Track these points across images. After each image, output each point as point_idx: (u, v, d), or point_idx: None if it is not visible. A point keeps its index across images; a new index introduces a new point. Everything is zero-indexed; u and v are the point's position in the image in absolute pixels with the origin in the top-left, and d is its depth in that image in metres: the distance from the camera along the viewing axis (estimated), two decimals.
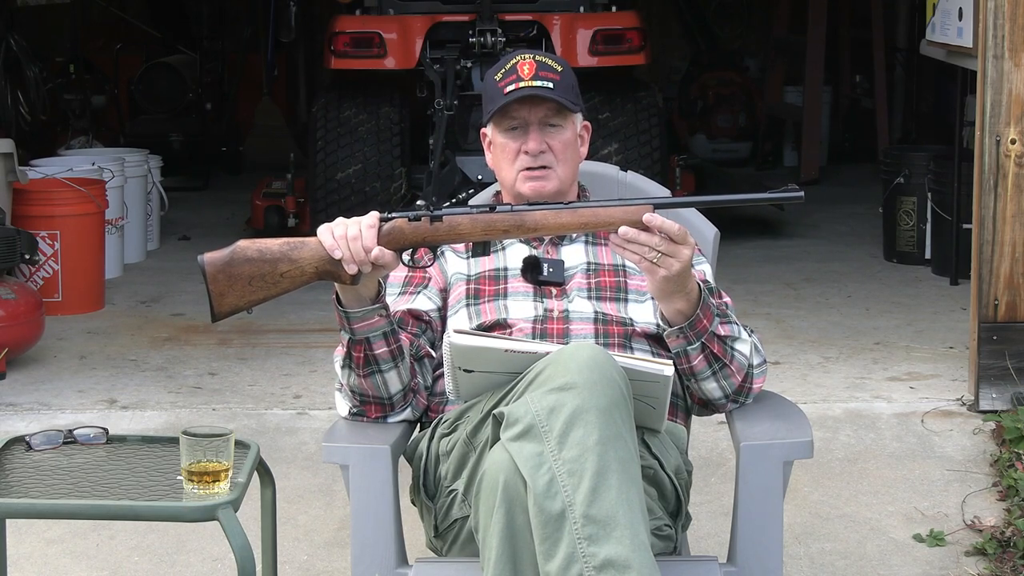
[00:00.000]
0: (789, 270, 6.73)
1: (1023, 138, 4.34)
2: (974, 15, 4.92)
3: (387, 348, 2.68)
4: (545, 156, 2.82)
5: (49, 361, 5.19)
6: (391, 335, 2.69)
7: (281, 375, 5.00)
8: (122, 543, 3.89)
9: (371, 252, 2.58)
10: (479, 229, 2.65)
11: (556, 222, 2.64)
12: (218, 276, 2.61)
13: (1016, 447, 4.19)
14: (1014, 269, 4.40)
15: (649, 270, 2.59)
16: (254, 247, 2.63)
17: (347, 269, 2.59)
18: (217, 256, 2.62)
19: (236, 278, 2.61)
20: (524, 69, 2.82)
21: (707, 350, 2.70)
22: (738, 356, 2.75)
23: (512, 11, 6.60)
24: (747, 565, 2.67)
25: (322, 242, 2.60)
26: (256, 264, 2.62)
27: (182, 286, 6.46)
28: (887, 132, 9.47)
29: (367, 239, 2.59)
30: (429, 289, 2.88)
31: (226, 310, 2.63)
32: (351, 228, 2.60)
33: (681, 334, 2.69)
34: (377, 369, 2.70)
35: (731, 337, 2.74)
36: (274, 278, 2.62)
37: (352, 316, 2.66)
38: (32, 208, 5.96)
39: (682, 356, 2.72)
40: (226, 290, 2.62)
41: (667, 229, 2.57)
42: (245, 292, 2.62)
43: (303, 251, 2.62)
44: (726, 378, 2.75)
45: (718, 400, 2.79)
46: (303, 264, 2.61)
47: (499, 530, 2.40)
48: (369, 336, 2.67)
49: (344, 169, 6.48)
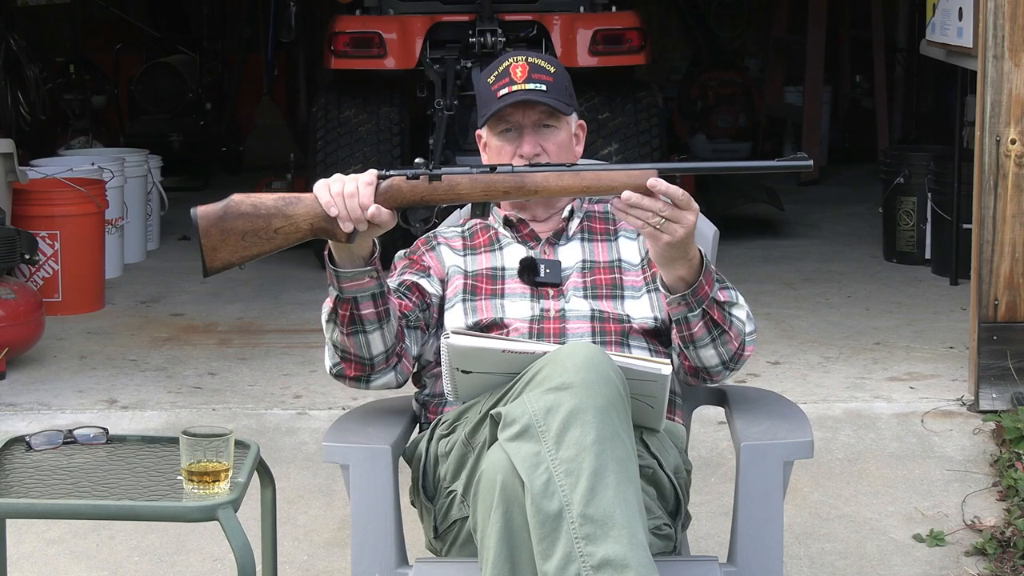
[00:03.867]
0: (789, 270, 6.74)
1: (1023, 138, 4.34)
2: (974, 15, 4.92)
3: (374, 310, 2.64)
4: (540, 159, 2.81)
5: (49, 361, 5.19)
6: (379, 297, 2.64)
7: (281, 375, 5.00)
8: (122, 543, 3.89)
9: (368, 210, 2.53)
10: (479, 190, 2.60)
11: (558, 184, 2.59)
12: (211, 230, 2.56)
13: (1016, 447, 4.19)
14: (1014, 269, 4.40)
15: (652, 236, 2.54)
16: (248, 201, 2.57)
17: (343, 227, 2.54)
18: (210, 209, 2.57)
19: (229, 233, 2.57)
20: (517, 72, 2.81)
21: (707, 316, 2.66)
22: (736, 322, 2.71)
23: (512, 11, 6.60)
24: (747, 565, 2.67)
25: (318, 198, 2.56)
26: (250, 219, 2.57)
27: (182, 286, 6.46)
28: (887, 132, 9.48)
29: (364, 196, 2.54)
30: (431, 277, 2.88)
31: (218, 265, 2.58)
32: (348, 185, 2.55)
33: (683, 301, 2.64)
34: (361, 329, 2.65)
35: (730, 303, 2.70)
36: (268, 234, 2.57)
37: (343, 275, 2.61)
38: (32, 208, 5.97)
39: (682, 323, 2.68)
40: (218, 245, 2.57)
41: (671, 194, 2.53)
42: (238, 247, 2.57)
43: (298, 207, 2.57)
44: (724, 345, 2.70)
45: (714, 368, 2.74)
46: (298, 220, 2.57)
47: (497, 530, 2.39)
48: (357, 296, 2.62)
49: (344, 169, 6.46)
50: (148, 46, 10.09)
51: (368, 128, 6.56)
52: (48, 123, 8.47)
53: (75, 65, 9.11)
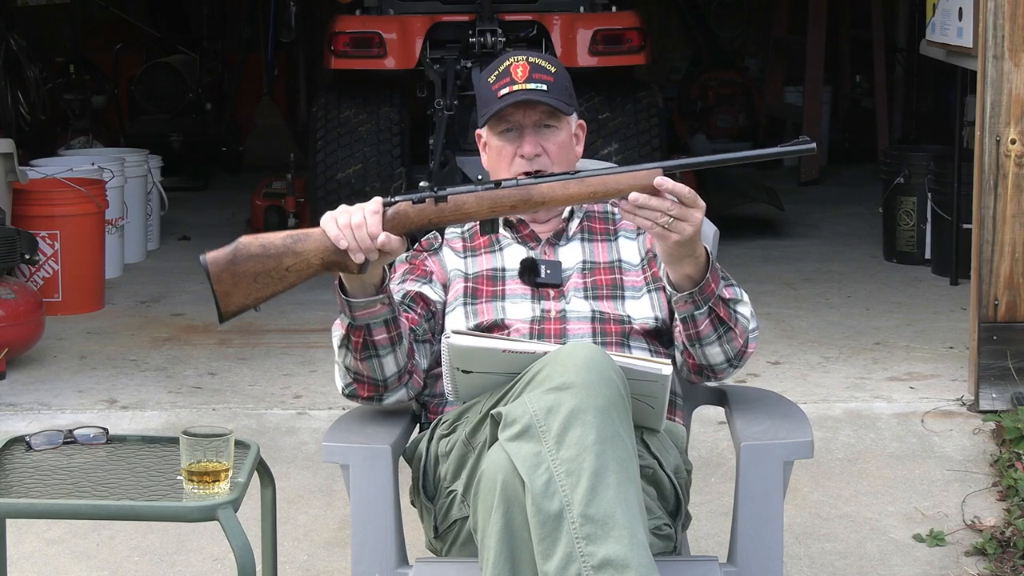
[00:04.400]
0: (789, 270, 6.74)
1: (1023, 138, 4.34)
2: (974, 15, 4.92)
3: (387, 335, 2.65)
4: (540, 159, 2.81)
5: (49, 361, 5.19)
6: (392, 322, 2.65)
7: (281, 375, 5.00)
8: (122, 543, 3.89)
9: (377, 239, 2.53)
10: (485, 207, 2.59)
11: (564, 193, 2.58)
12: (222, 275, 2.55)
13: (1016, 447, 4.19)
14: (1014, 269, 4.40)
15: (661, 235, 2.54)
16: (257, 243, 2.56)
17: (354, 258, 2.54)
18: (219, 255, 2.56)
19: (241, 276, 2.55)
20: (517, 72, 2.80)
21: (713, 314, 2.66)
22: (741, 319, 2.71)
23: (512, 11, 6.60)
24: (747, 565, 2.67)
25: (326, 232, 2.55)
26: (260, 260, 2.56)
27: (182, 286, 6.46)
28: (887, 132, 9.48)
29: (372, 226, 2.53)
30: (433, 283, 2.88)
31: (233, 310, 2.57)
32: (355, 216, 2.54)
33: (690, 299, 2.64)
34: (375, 353, 2.66)
35: (735, 300, 2.71)
36: (280, 273, 2.56)
37: (355, 305, 2.62)
38: (32, 208, 5.97)
39: (688, 321, 2.67)
40: (231, 289, 2.56)
41: (678, 192, 2.51)
42: (251, 290, 2.56)
43: (307, 243, 2.56)
44: (729, 342, 2.70)
45: (719, 365, 2.74)
46: (308, 256, 2.56)
47: (497, 530, 2.39)
48: (370, 323, 2.63)
49: (344, 169, 6.48)
50: (148, 46, 10.09)
51: (368, 128, 6.56)
52: (48, 123, 8.47)
53: (75, 65, 9.11)
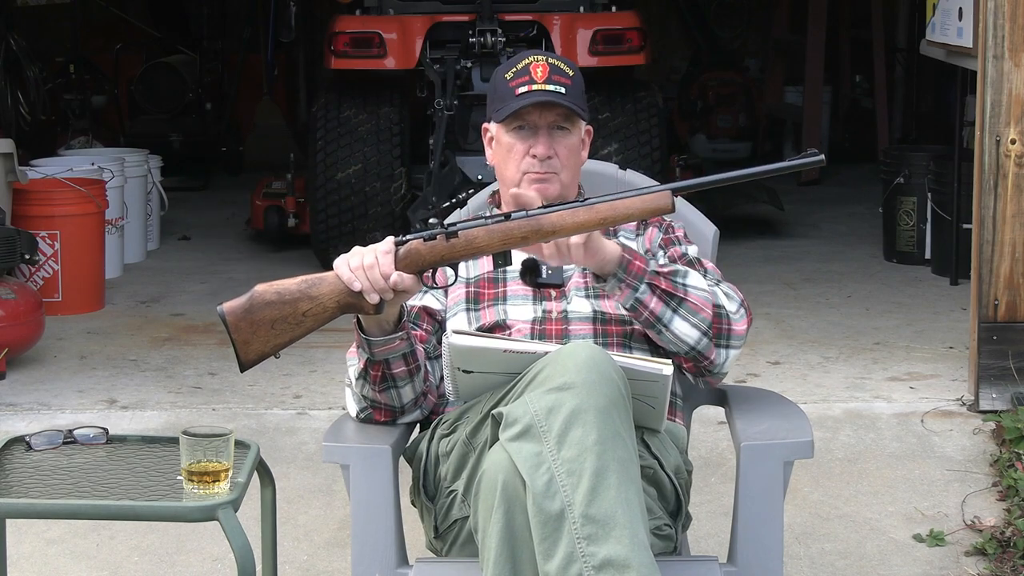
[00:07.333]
0: (789, 270, 6.74)
1: (1023, 138, 4.34)
2: (974, 15, 4.92)
3: (405, 368, 2.68)
4: (551, 162, 2.81)
5: (49, 361, 5.19)
6: (410, 356, 2.68)
7: (281, 375, 5.00)
8: (122, 543, 3.89)
9: (390, 278, 2.56)
10: (497, 240, 2.59)
11: (574, 221, 2.58)
12: (240, 324, 2.59)
13: (1016, 447, 4.19)
14: (1014, 269, 4.40)
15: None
16: (272, 290, 2.60)
17: (368, 299, 2.57)
18: (236, 304, 2.59)
19: (259, 324, 2.59)
20: (537, 72, 2.80)
21: (656, 290, 2.65)
22: (692, 289, 2.68)
23: (512, 11, 6.60)
24: (747, 565, 2.67)
25: (339, 275, 2.58)
26: (276, 307, 2.59)
27: (182, 286, 6.46)
28: (887, 132, 9.47)
29: (384, 266, 2.56)
30: (434, 290, 2.88)
31: (253, 358, 2.61)
32: (367, 257, 2.57)
33: (621, 282, 2.64)
34: (393, 385, 2.70)
35: (674, 271, 2.69)
36: (296, 318, 2.59)
37: (374, 343, 2.65)
38: (32, 208, 5.96)
39: (639, 308, 2.66)
40: (250, 337, 2.59)
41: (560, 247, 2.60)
42: (269, 337, 2.60)
43: (322, 287, 2.59)
44: (693, 313, 2.67)
45: (700, 343, 2.69)
46: (324, 300, 2.59)
47: (498, 530, 2.40)
48: (388, 358, 2.67)
49: (344, 169, 6.48)
50: (148, 46, 10.09)
51: (368, 128, 6.56)
52: (48, 123, 8.47)
53: (75, 65, 9.11)
